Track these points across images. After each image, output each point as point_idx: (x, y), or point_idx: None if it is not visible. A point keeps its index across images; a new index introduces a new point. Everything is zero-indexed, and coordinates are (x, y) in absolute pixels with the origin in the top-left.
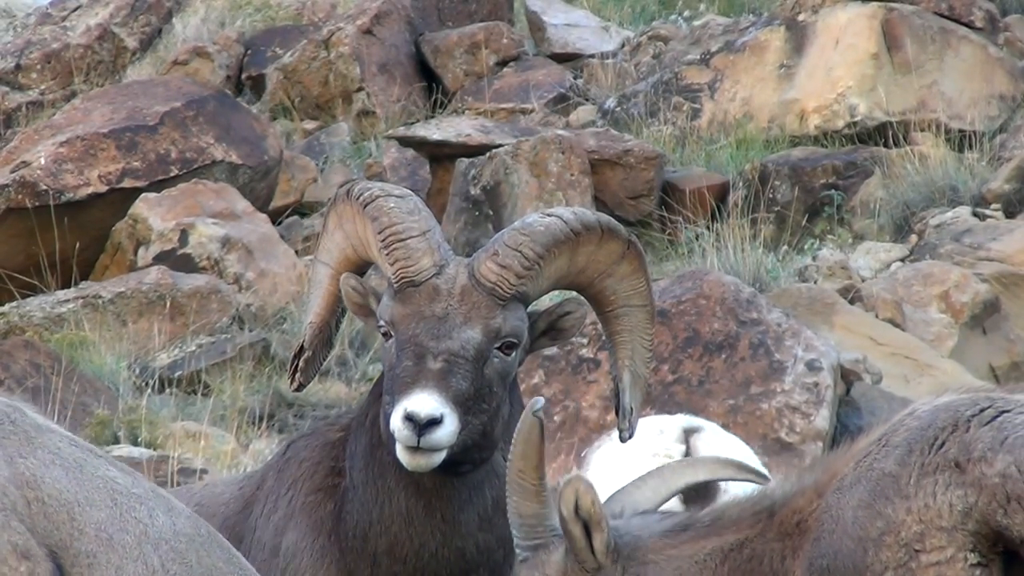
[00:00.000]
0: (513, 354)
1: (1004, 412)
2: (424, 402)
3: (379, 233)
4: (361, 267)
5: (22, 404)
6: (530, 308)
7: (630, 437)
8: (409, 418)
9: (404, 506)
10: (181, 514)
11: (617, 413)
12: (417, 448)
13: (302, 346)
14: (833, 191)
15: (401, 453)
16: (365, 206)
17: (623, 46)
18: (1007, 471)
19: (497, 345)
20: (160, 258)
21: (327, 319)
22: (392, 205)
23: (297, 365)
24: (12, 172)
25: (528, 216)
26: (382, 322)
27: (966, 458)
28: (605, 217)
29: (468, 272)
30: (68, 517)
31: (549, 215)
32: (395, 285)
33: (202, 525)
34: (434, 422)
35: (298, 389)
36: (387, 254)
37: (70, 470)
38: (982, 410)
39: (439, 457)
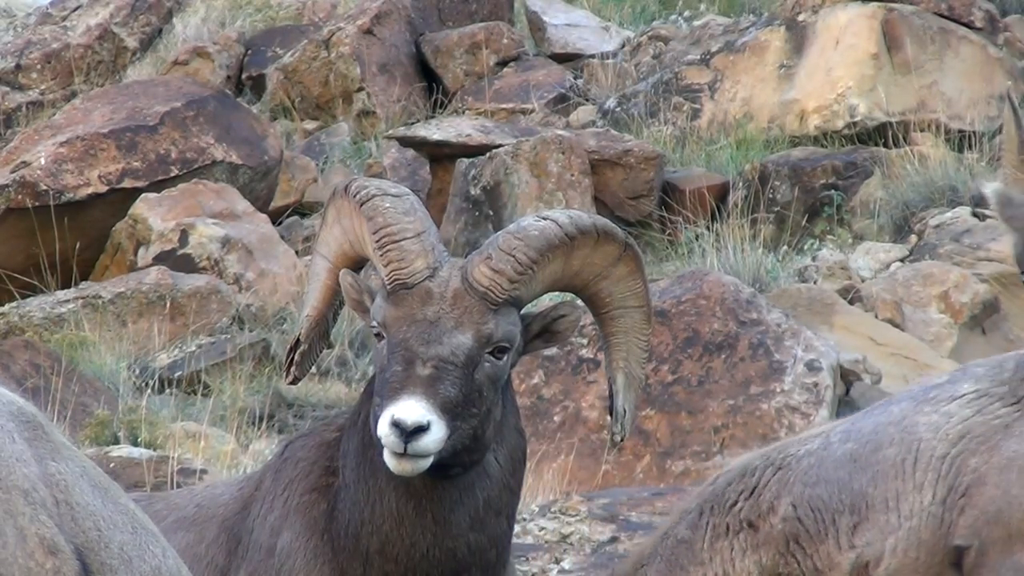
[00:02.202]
0: (505, 358)
1: (790, 455)
2: (411, 409)
3: (374, 233)
4: (358, 262)
5: (52, 425)
6: (524, 310)
7: (622, 440)
8: (396, 424)
9: (395, 506)
10: (183, 566)
11: (610, 415)
12: (403, 454)
13: (298, 339)
14: (833, 191)
15: (388, 458)
16: (361, 204)
17: (623, 46)
18: (786, 514)
19: (488, 350)
20: (160, 258)
21: (324, 313)
22: (388, 205)
23: (293, 358)
24: (12, 172)
25: (523, 219)
26: (375, 323)
27: (756, 514)
28: (601, 220)
29: (461, 275)
30: (95, 526)
31: (544, 218)
32: (388, 287)
33: None
34: (420, 429)
35: (293, 382)
36: (381, 255)
37: (96, 488)
38: (770, 461)
39: (426, 463)
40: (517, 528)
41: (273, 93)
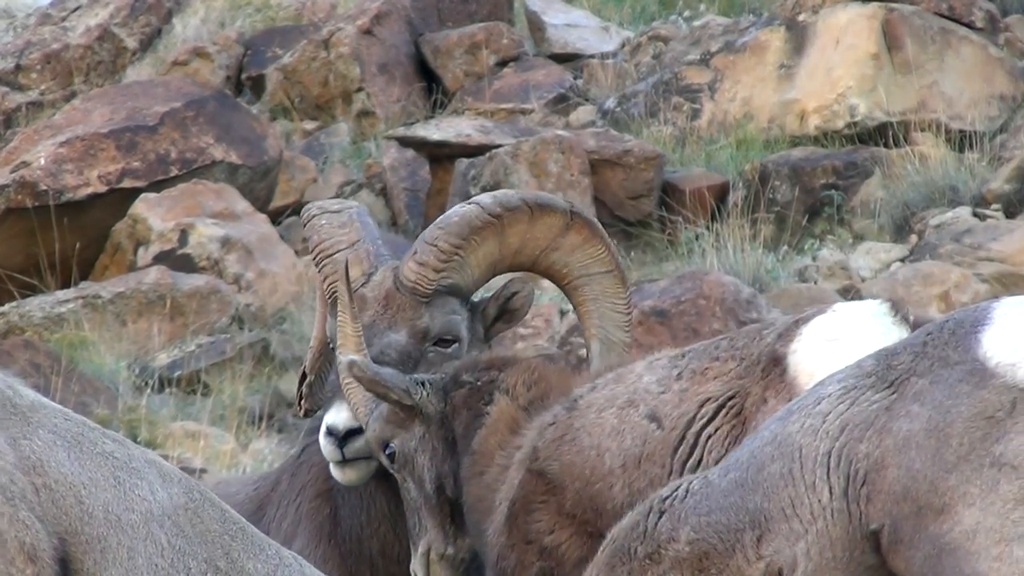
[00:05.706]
0: (452, 348)
1: (667, 499)
2: (339, 414)
3: (312, 251)
4: None
5: (14, 380)
6: (478, 296)
7: None
8: (329, 432)
9: (387, 508)
10: (174, 481)
11: None
12: (343, 462)
13: (304, 373)
14: (833, 191)
15: (332, 470)
16: (304, 226)
17: (623, 46)
18: (689, 538)
19: (430, 344)
20: (160, 258)
21: (323, 342)
22: (324, 222)
23: (303, 391)
24: (12, 172)
25: (450, 209)
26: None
27: (655, 548)
28: (533, 194)
29: (393, 276)
30: (76, 501)
31: (468, 203)
32: (328, 300)
33: (193, 488)
34: (354, 432)
35: (306, 414)
36: (319, 271)
37: (71, 449)
38: (650, 509)
39: (370, 467)
40: None
41: (273, 93)
